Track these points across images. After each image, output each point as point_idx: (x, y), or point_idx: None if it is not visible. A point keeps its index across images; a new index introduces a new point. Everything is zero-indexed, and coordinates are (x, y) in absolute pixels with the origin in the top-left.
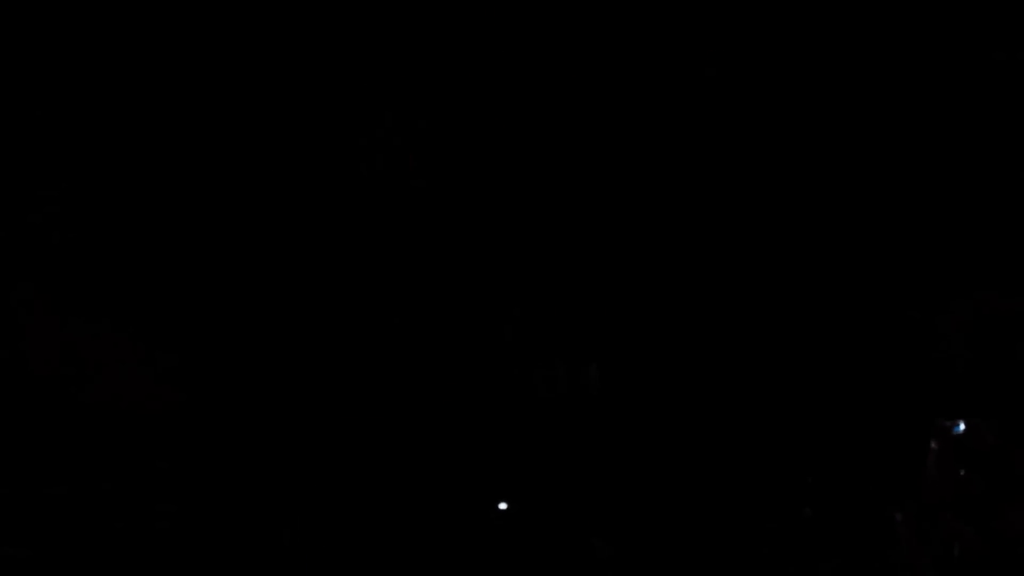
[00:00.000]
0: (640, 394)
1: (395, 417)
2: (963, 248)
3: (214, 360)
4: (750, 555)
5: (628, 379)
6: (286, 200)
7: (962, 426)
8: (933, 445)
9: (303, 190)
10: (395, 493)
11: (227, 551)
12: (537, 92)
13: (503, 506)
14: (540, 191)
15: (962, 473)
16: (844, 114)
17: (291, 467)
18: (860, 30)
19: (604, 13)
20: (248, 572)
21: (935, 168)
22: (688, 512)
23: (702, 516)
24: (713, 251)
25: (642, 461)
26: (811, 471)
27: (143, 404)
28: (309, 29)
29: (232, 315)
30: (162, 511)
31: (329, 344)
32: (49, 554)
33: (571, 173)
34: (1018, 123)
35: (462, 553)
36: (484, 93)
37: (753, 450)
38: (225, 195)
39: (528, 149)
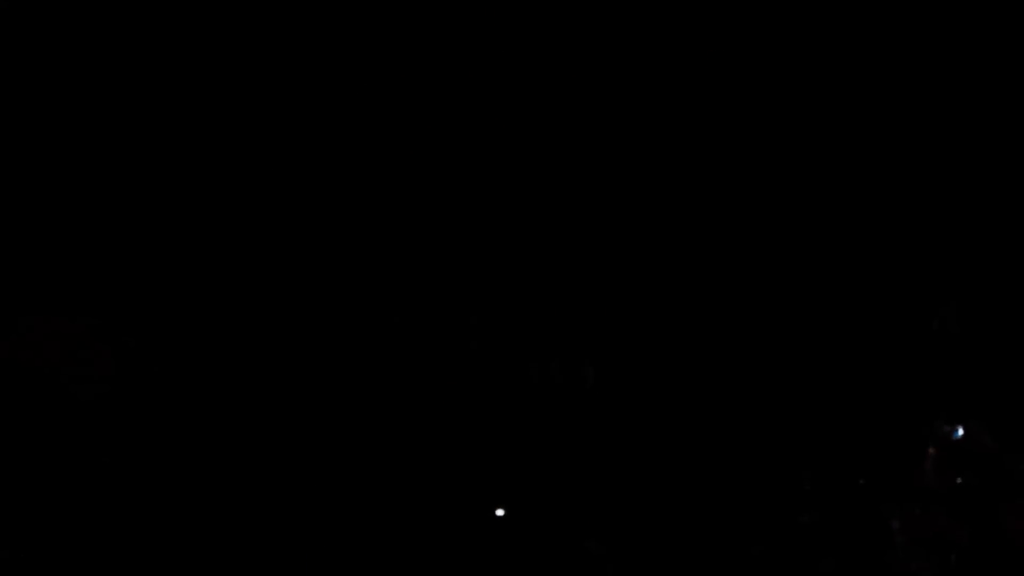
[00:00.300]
0: (637, 395)
1: (384, 415)
2: (963, 248)
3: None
4: (747, 558)
5: (624, 379)
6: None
7: (960, 431)
8: (931, 449)
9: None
10: (386, 493)
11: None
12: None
13: (500, 512)
14: (539, 187)
15: (959, 478)
16: (841, 113)
17: (276, 469)
18: (860, 30)
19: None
20: (237, 572)
21: (935, 167)
22: (684, 516)
23: (698, 520)
24: (710, 250)
25: (638, 463)
26: (808, 474)
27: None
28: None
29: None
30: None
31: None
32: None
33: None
34: (1018, 123)
35: (454, 554)
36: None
37: (750, 453)
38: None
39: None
